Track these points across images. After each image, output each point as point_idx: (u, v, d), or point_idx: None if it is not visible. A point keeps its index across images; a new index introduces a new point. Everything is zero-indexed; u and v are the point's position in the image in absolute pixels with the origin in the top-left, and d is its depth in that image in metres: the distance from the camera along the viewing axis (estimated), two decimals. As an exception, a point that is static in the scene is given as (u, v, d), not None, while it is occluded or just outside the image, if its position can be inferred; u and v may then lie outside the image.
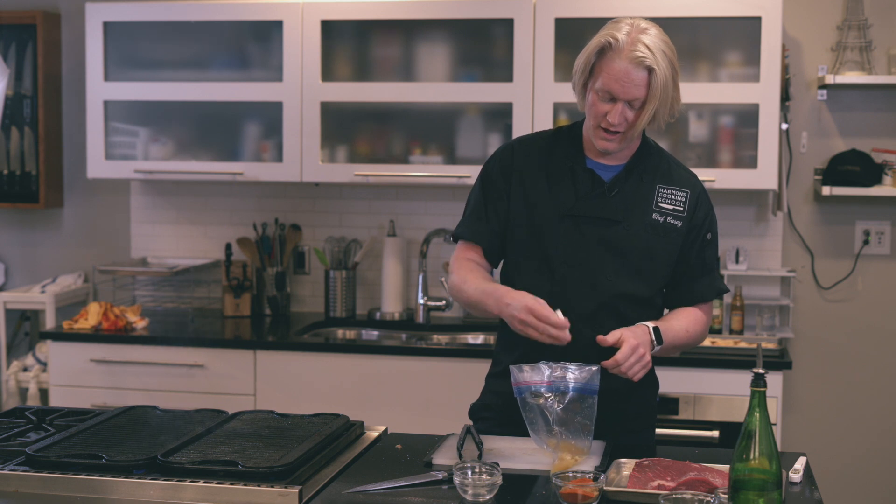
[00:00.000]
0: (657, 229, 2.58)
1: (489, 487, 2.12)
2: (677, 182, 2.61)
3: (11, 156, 4.73)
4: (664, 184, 2.60)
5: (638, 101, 2.46)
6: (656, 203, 2.59)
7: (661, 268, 2.60)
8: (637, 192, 2.59)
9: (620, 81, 2.45)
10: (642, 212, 2.58)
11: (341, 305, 4.47)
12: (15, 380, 4.55)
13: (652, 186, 2.59)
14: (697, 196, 2.61)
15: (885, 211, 4.31)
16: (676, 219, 2.59)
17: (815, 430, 4.36)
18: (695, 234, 2.61)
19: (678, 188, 2.61)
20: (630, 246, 2.56)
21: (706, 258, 2.64)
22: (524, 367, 2.42)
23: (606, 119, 2.49)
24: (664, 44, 2.49)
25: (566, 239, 2.57)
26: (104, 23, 4.35)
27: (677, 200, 2.59)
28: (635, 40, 2.45)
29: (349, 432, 2.57)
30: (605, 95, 2.48)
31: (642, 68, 2.44)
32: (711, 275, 2.65)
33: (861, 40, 4.19)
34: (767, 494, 1.88)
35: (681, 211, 2.59)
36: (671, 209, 2.58)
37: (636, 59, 2.43)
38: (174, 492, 2.19)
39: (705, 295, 2.65)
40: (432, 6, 4.15)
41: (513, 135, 4.07)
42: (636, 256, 2.56)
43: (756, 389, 1.90)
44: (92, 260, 4.77)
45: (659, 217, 2.58)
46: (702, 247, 2.63)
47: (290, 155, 4.25)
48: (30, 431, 2.55)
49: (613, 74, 2.45)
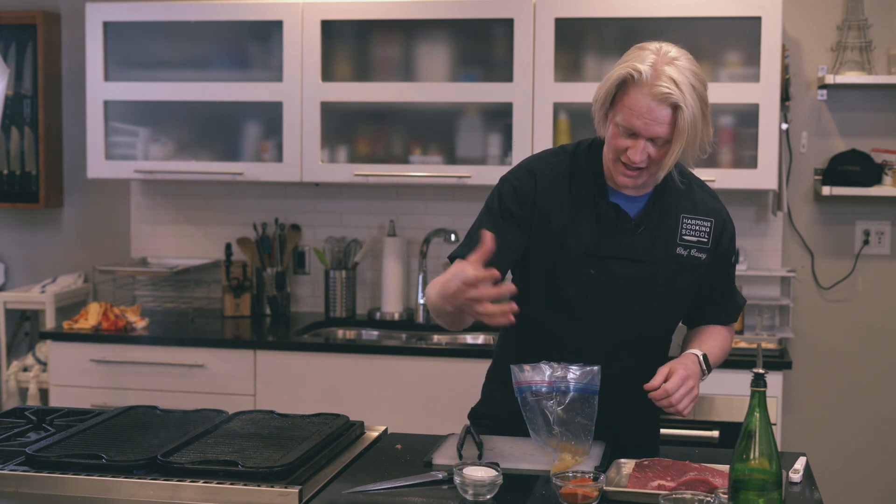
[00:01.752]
0: (681, 263, 2.45)
1: (489, 487, 2.12)
2: (701, 210, 2.47)
3: (11, 156, 4.73)
4: (688, 213, 2.46)
5: (661, 139, 2.29)
6: (680, 236, 2.45)
7: (685, 303, 2.53)
8: (661, 226, 2.44)
9: (643, 118, 2.26)
10: (667, 246, 2.44)
11: (341, 305, 4.47)
12: (15, 380, 4.55)
13: (676, 217, 2.45)
14: (722, 226, 2.49)
15: (885, 211, 4.31)
16: (700, 251, 2.46)
17: (815, 430, 4.36)
18: (719, 260, 2.50)
19: (702, 218, 2.46)
20: (655, 283, 2.44)
21: (729, 280, 2.58)
22: (525, 367, 2.42)
23: (627, 155, 2.32)
24: (693, 75, 2.28)
25: (589, 278, 2.44)
26: (104, 23, 4.35)
27: (701, 231, 2.45)
28: (660, 73, 2.25)
29: (349, 432, 2.57)
30: (626, 131, 2.30)
31: (666, 105, 2.25)
32: (732, 294, 2.60)
33: (861, 40, 4.19)
34: (767, 494, 1.88)
35: (705, 243, 2.46)
36: (695, 241, 2.45)
37: (661, 96, 2.24)
38: (174, 492, 2.19)
39: (731, 316, 2.60)
40: (432, 6, 4.15)
41: (513, 135, 4.07)
42: (662, 295, 2.45)
43: (756, 389, 1.90)
44: (92, 260, 4.77)
45: (683, 251, 2.45)
46: (727, 272, 2.55)
47: (290, 155, 4.25)
48: (30, 431, 2.55)
49: (636, 110, 2.27)
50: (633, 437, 2.58)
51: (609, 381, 2.43)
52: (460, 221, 4.49)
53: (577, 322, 2.48)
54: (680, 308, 2.54)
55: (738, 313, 2.63)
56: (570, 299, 2.47)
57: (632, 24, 4.01)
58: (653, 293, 2.45)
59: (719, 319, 2.59)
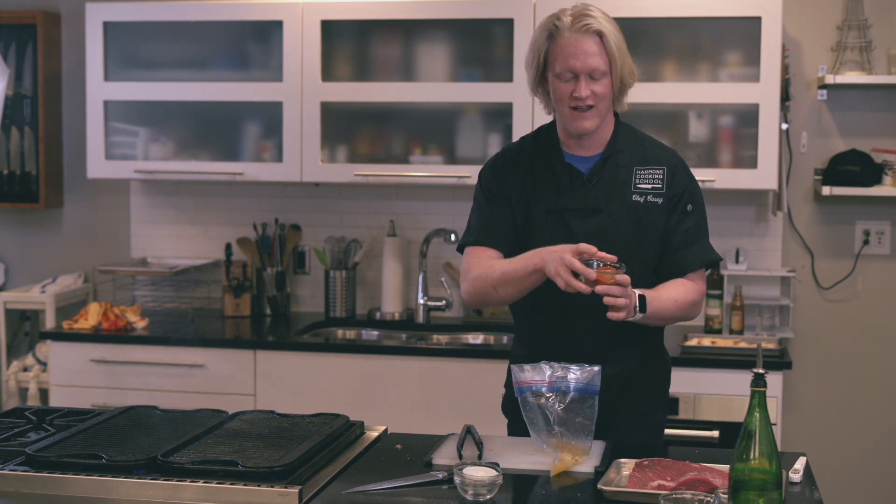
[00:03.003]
0: (639, 209, 2.61)
1: (489, 487, 2.12)
2: (652, 161, 2.65)
3: (11, 156, 4.73)
4: (640, 165, 2.64)
5: (598, 70, 2.53)
6: (634, 185, 2.63)
7: (650, 248, 2.63)
8: (615, 178, 2.63)
9: (576, 55, 2.52)
10: (622, 196, 2.62)
11: (341, 305, 4.47)
12: (15, 380, 4.55)
13: (629, 170, 2.64)
14: (673, 169, 2.64)
15: (885, 211, 4.31)
16: (656, 196, 2.62)
17: (815, 430, 4.36)
18: (674, 205, 2.63)
19: (654, 167, 2.64)
20: (616, 232, 2.60)
21: (688, 230, 2.64)
22: (525, 367, 2.43)
23: (574, 97, 2.54)
24: (605, 14, 2.58)
25: (554, 235, 2.60)
26: (104, 23, 4.35)
27: (655, 178, 2.63)
28: (577, 14, 2.55)
29: (349, 432, 2.57)
30: (567, 75, 2.55)
31: (592, 34, 2.52)
32: (697, 245, 2.65)
33: (861, 40, 4.19)
34: (767, 494, 1.88)
35: (659, 188, 2.62)
36: (650, 188, 2.62)
37: (584, 28, 2.52)
38: (174, 492, 2.19)
39: (691, 265, 2.64)
40: (432, 6, 4.15)
41: (513, 135, 4.07)
42: (625, 242, 2.59)
43: (756, 389, 1.90)
44: (92, 260, 4.77)
45: (639, 198, 2.62)
46: (681, 218, 2.63)
47: (290, 155, 4.25)
48: (30, 431, 2.55)
49: (568, 51, 2.53)
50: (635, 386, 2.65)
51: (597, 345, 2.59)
52: (460, 221, 4.47)
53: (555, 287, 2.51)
54: (647, 253, 2.62)
55: (698, 263, 2.64)
56: None
57: (632, 24, 4.00)
58: (612, 242, 2.56)
59: (679, 271, 2.64)
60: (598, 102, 2.56)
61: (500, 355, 3.90)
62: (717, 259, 2.69)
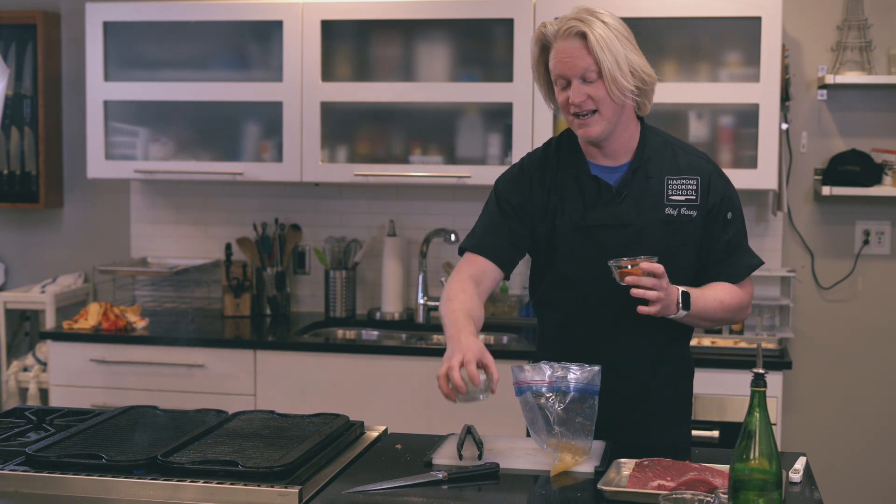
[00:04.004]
0: (673, 224, 2.51)
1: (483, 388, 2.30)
2: (685, 170, 2.53)
3: (11, 156, 4.73)
4: (672, 174, 2.53)
5: (589, 72, 2.43)
6: (667, 197, 2.52)
7: (686, 264, 2.54)
8: (646, 190, 2.52)
9: (563, 60, 2.44)
10: (654, 209, 2.51)
11: (341, 305, 4.47)
12: (15, 380, 4.55)
13: (661, 180, 2.52)
14: (708, 179, 2.53)
15: (885, 211, 4.31)
16: (690, 208, 2.52)
17: (815, 430, 4.36)
18: (712, 217, 2.53)
19: (687, 176, 2.52)
20: (647, 246, 2.49)
21: (731, 239, 2.55)
22: (525, 367, 2.42)
23: (570, 104, 2.46)
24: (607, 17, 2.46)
25: (582, 252, 2.53)
26: (104, 23, 4.35)
27: (688, 189, 2.51)
28: (563, 19, 2.47)
29: (349, 432, 2.57)
30: (561, 82, 2.47)
31: (573, 36, 2.43)
32: (739, 253, 2.57)
33: (861, 40, 4.19)
34: (767, 494, 1.88)
35: (693, 199, 2.52)
36: (683, 200, 2.51)
37: (566, 32, 2.44)
38: (174, 492, 2.19)
39: (738, 274, 2.56)
40: (432, 6, 4.15)
41: (513, 135, 4.08)
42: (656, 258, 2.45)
43: (756, 389, 1.90)
44: (92, 260, 4.77)
45: (672, 210, 2.51)
46: (723, 229, 2.55)
47: (290, 155, 4.25)
48: (30, 431, 2.55)
49: (557, 59, 2.45)
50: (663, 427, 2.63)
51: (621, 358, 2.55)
52: (460, 221, 4.49)
53: (582, 299, 2.53)
54: (681, 269, 2.51)
55: (744, 272, 2.57)
56: (571, 277, 2.56)
57: (631, 24, 3.94)
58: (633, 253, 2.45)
59: (725, 277, 2.56)
60: (600, 106, 2.45)
61: (500, 355, 3.89)
62: (759, 263, 2.60)
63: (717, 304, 2.51)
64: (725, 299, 2.52)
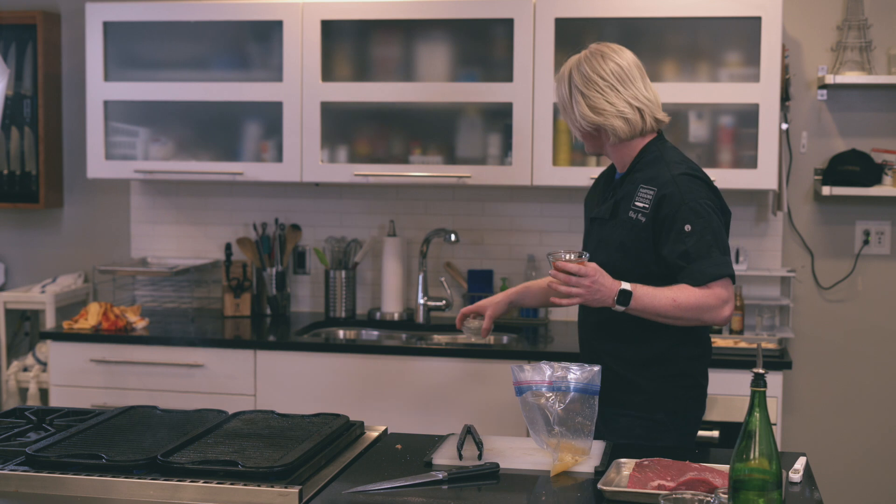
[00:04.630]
0: (629, 225, 2.79)
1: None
2: (652, 181, 2.79)
3: (11, 156, 4.73)
4: (645, 183, 2.80)
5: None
6: (633, 202, 2.80)
7: (635, 261, 2.78)
8: (626, 194, 2.83)
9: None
10: (625, 210, 2.82)
11: (341, 305, 4.47)
12: (15, 380, 4.55)
13: (636, 187, 2.81)
14: (661, 196, 2.75)
15: (885, 211, 4.31)
16: (643, 215, 2.77)
17: (815, 430, 4.36)
18: (665, 228, 2.74)
19: (650, 187, 2.78)
20: (611, 240, 2.83)
21: (689, 249, 2.71)
22: (525, 367, 2.43)
23: None
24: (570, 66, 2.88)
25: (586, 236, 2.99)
26: (104, 23, 4.35)
27: (646, 199, 2.78)
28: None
29: (349, 432, 2.57)
30: None
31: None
32: (700, 262, 2.71)
33: (861, 40, 4.19)
34: (767, 494, 1.88)
35: (646, 209, 2.77)
36: (641, 206, 2.78)
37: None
38: (174, 492, 2.19)
39: (696, 280, 2.70)
40: (432, 6, 4.15)
41: (513, 135, 4.08)
42: (615, 250, 2.81)
43: (756, 389, 1.90)
44: (92, 260, 4.77)
45: (633, 214, 2.79)
46: (679, 239, 2.72)
47: (290, 155, 4.25)
48: (30, 431, 2.55)
49: None
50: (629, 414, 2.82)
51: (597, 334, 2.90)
52: (460, 221, 4.49)
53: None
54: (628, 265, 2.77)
55: (702, 278, 2.71)
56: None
57: (632, 24, 4.01)
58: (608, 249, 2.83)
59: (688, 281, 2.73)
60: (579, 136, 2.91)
61: (501, 355, 3.90)
62: (723, 273, 2.72)
63: (669, 302, 2.69)
64: (679, 298, 2.69)
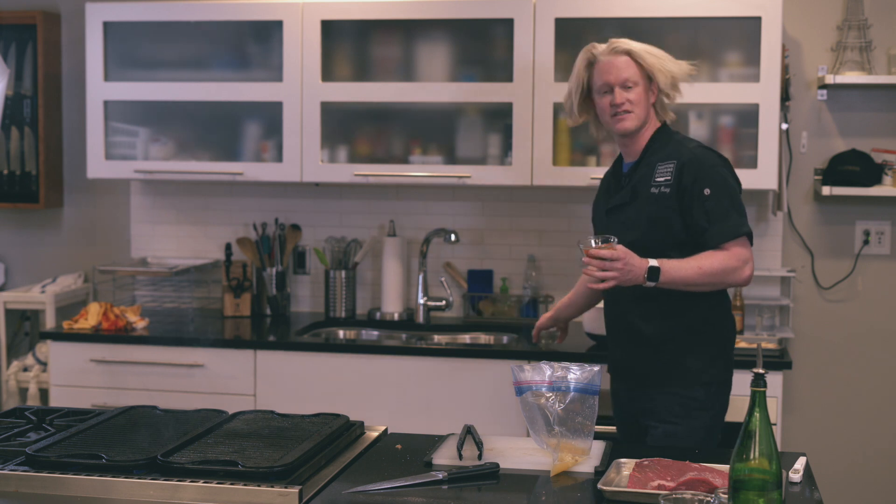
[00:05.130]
0: (655, 199, 3.00)
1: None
2: (669, 157, 3.03)
3: (11, 156, 4.73)
4: (660, 161, 3.03)
5: (630, 80, 3.04)
6: (653, 179, 3.02)
7: (665, 230, 2.99)
8: (643, 175, 3.05)
9: (609, 71, 3.06)
10: (645, 190, 3.03)
11: (341, 305, 4.47)
12: (15, 380, 4.55)
13: (653, 167, 3.04)
14: (682, 165, 2.99)
15: (885, 211, 4.31)
16: (667, 187, 2.99)
17: (815, 430, 4.36)
18: (688, 195, 2.97)
19: (669, 161, 3.02)
20: (638, 221, 3.01)
21: (709, 210, 2.95)
22: (525, 367, 2.43)
23: (612, 105, 3.05)
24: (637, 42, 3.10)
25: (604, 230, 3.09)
26: (104, 23, 4.35)
27: (667, 172, 3.01)
28: (610, 43, 3.09)
29: (349, 432, 2.57)
30: (604, 88, 3.08)
31: (620, 53, 3.06)
32: (720, 223, 2.95)
33: (861, 40, 4.19)
34: (767, 494, 1.88)
35: (669, 180, 2.99)
36: (663, 181, 3.00)
37: (612, 50, 3.07)
38: (174, 492, 2.19)
39: (716, 239, 2.95)
40: (432, 6, 4.15)
41: (513, 135, 4.08)
42: (643, 226, 3.00)
43: (756, 389, 1.90)
44: (92, 260, 4.77)
45: (655, 189, 3.01)
46: (699, 202, 2.96)
47: (290, 155, 4.25)
48: (30, 431, 2.55)
49: (603, 71, 3.08)
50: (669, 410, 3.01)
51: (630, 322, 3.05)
52: (460, 221, 4.49)
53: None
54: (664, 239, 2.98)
55: (724, 236, 2.95)
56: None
57: (632, 24, 4.01)
58: (634, 227, 3.01)
59: (710, 240, 2.97)
60: (634, 107, 3.04)
61: (501, 355, 3.90)
62: (742, 231, 2.97)
63: (695, 270, 2.92)
64: (704, 264, 2.93)
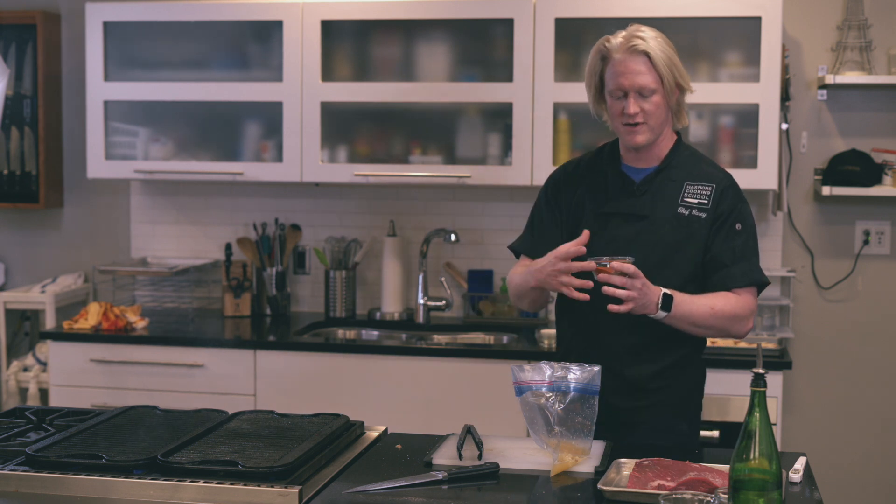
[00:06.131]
0: (682, 222, 2.68)
1: None
2: (704, 178, 2.72)
3: (11, 156, 4.73)
4: (691, 180, 2.72)
5: (646, 88, 2.63)
6: (682, 198, 2.70)
7: (688, 259, 2.68)
8: (665, 190, 2.72)
9: (624, 74, 2.64)
10: (669, 207, 2.70)
11: (341, 305, 4.47)
12: (15, 380, 4.55)
13: (680, 184, 2.71)
14: (723, 189, 2.70)
15: (885, 211, 4.31)
16: (701, 211, 2.69)
17: (815, 430, 4.36)
18: (720, 223, 2.68)
19: (704, 183, 2.71)
20: (656, 239, 2.67)
21: (736, 247, 2.67)
22: (525, 367, 2.43)
23: (624, 114, 2.66)
24: (657, 34, 2.68)
25: (597, 236, 2.68)
26: (104, 23, 4.35)
27: (702, 194, 2.70)
28: (627, 37, 2.66)
29: (349, 432, 2.57)
30: (617, 93, 2.67)
31: (639, 53, 2.63)
32: (744, 264, 2.68)
33: (861, 40, 4.19)
34: (767, 494, 1.88)
35: (705, 203, 2.69)
36: (696, 203, 2.69)
37: (630, 49, 2.63)
38: (174, 492, 2.19)
39: (737, 281, 2.66)
40: (432, 6, 4.15)
41: (513, 135, 4.08)
42: (662, 249, 2.66)
43: (756, 389, 1.90)
44: (92, 260, 4.77)
45: (684, 210, 2.69)
46: (729, 236, 2.68)
47: (290, 155, 4.25)
48: (30, 431, 2.55)
49: (617, 71, 2.65)
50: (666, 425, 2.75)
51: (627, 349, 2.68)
52: (460, 221, 4.49)
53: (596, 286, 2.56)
54: (683, 264, 2.67)
55: (744, 280, 2.67)
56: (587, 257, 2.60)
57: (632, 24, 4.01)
58: (651, 248, 2.66)
59: (724, 286, 2.67)
60: (649, 119, 2.66)
61: (500, 355, 3.90)
62: (764, 281, 2.71)
63: (707, 310, 2.62)
64: (717, 305, 2.63)
